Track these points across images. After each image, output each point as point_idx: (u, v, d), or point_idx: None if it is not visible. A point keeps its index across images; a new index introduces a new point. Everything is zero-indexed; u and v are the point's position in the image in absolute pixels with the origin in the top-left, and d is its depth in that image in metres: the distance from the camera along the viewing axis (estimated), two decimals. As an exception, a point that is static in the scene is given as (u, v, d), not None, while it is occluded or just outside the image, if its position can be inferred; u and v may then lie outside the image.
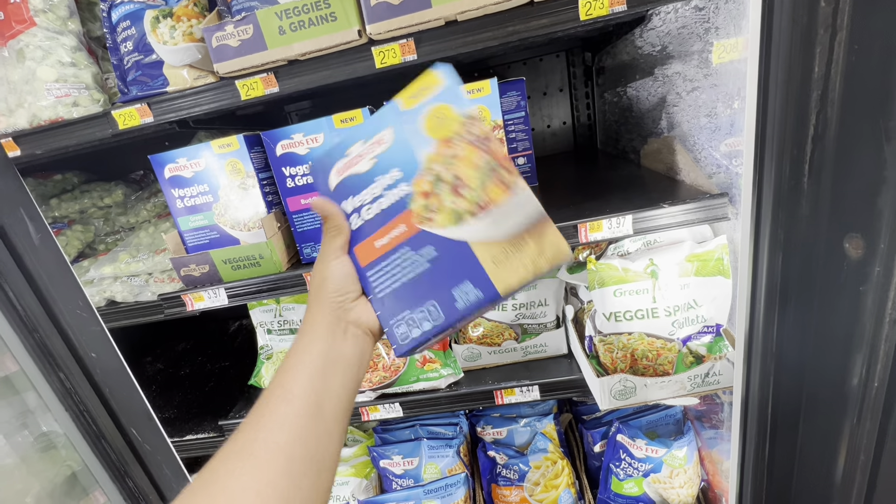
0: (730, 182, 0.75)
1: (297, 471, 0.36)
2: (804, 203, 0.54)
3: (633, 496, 1.05)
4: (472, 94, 0.80)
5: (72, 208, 1.33)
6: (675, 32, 0.85)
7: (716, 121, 0.76)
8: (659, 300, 0.78)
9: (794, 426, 0.68)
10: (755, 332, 0.63)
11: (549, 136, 1.51)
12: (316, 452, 0.38)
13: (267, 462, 0.35)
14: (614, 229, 0.77)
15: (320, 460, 0.38)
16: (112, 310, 1.01)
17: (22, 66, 0.83)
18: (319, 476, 0.38)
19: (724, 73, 0.71)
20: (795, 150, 0.51)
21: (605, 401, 0.77)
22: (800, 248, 0.55)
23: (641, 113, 1.10)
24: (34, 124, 0.85)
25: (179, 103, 0.82)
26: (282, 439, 0.36)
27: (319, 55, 0.76)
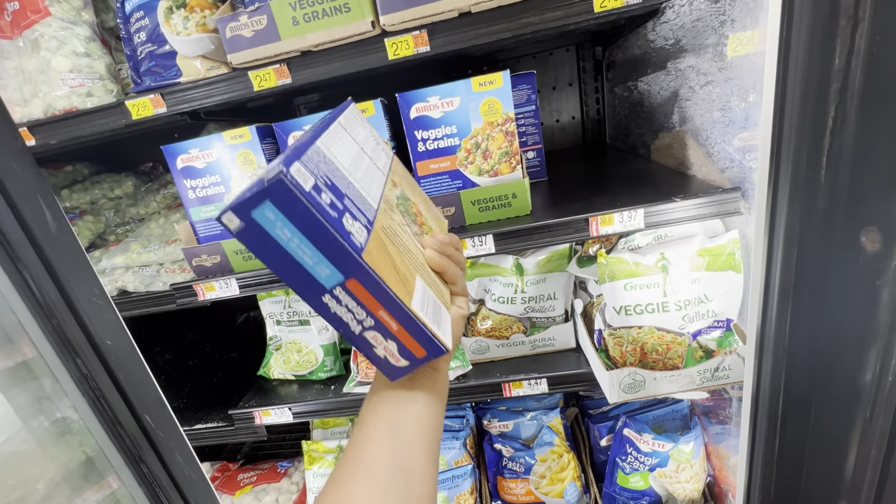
0: (743, 177, 0.75)
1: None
2: (820, 196, 0.53)
3: (639, 490, 1.06)
4: (484, 87, 0.80)
5: (82, 199, 1.34)
6: (690, 25, 0.84)
7: (730, 115, 0.76)
8: (669, 294, 0.78)
9: (804, 421, 0.68)
10: (767, 327, 0.63)
11: (558, 130, 1.51)
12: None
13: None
14: (626, 223, 0.77)
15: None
16: (124, 299, 1.02)
17: (37, 56, 0.83)
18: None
19: (739, 66, 0.70)
20: (813, 143, 0.51)
21: (614, 394, 0.78)
22: (815, 242, 0.55)
23: (653, 107, 1.09)
24: (49, 114, 0.85)
25: (192, 94, 0.83)
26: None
27: (332, 46, 0.77)
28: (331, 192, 0.33)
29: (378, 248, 0.35)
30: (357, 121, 0.52)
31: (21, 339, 0.60)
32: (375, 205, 0.40)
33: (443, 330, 0.38)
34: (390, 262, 0.36)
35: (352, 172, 0.41)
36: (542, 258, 0.94)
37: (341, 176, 0.38)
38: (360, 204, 0.37)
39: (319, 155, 0.36)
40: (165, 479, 0.74)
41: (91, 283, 0.66)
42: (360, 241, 0.33)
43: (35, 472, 0.70)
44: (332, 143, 0.41)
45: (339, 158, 0.40)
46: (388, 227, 0.40)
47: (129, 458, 0.69)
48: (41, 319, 0.59)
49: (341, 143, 0.43)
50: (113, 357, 0.68)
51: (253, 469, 1.38)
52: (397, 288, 0.34)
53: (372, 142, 0.53)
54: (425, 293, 0.39)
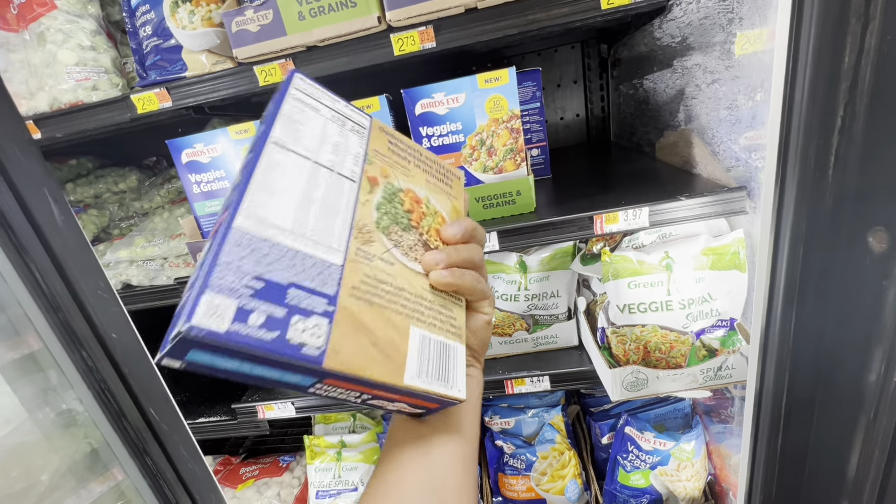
0: (748, 176, 0.74)
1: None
2: (828, 196, 0.53)
3: (640, 488, 1.06)
4: (489, 83, 0.80)
5: (87, 193, 1.34)
6: (697, 23, 0.83)
7: (736, 113, 0.75)
8: (673, 293, 0.78)
9: (807, 421, 0.68)
10: (772, 326, 0.63)
11: (563, 128, 1.50)
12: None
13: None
14: (630, 221, 0.76)
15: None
16: (128, 293, 1.02)
17: (43, 49, 0.84)
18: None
19: (746, 64, 0.70)
20: (821, 141, 0.51)
21: (616, 392, 0.78)
22: (821, 242, 0.55)
23: (658, 105, 1.09)
24: (54, 107, 0.86)
25: (197, 88, 0.83)
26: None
27: (338, 42, 0.76)
28: (266, 301, 0.27)
29: (350, 330, 0.30)
30: (307, 109, 0.37)
31: (27, 331, 0.61)
32: (341, 257, 0.33)
33: (451, 381, 0.34)
34: (368, 339, 0.31)
35: (301, 226, 0.32)
36: (545, 256, 0.94)
37: (282, 251, 0.30)
38: (316, 278, 0.30)
39: (244, 243, 0.28)
40: (170, 471, 0.75)
41: (97, 276, 0.66)
42: (317, 346, 0.28)
43: (40, 464, 0.70)
44: (262, 200, 0.31)
45: (278, 217, 0.31)
46: (364, 279, 0.33)
47: (133, 450, 0.69)
48: (47, 312, 0.59)
49: (280, 179, 0.32)
50: (118, 350, 0.68)
51: (255, 463, 1.39)
52: (381, 370, 0.30)
53: (334, 132, 0.38)
54: (425, 344, 0.34)
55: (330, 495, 1.20)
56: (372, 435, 1.25)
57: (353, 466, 1.20)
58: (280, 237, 0.30)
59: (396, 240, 0.37)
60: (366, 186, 0.38)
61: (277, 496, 1.27)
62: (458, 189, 0.46)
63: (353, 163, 0.38)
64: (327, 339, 0.29)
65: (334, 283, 0.31)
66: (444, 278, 0.36)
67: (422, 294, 0.36)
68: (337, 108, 0.40)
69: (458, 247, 0.39)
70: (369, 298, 0.32)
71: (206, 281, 0.26)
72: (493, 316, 0.42)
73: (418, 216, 0.40)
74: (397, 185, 0.40)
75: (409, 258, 0.37)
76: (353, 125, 0.40)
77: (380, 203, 0.38)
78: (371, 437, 1.25)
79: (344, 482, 1.20)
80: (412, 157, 0.44)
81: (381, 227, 0.37)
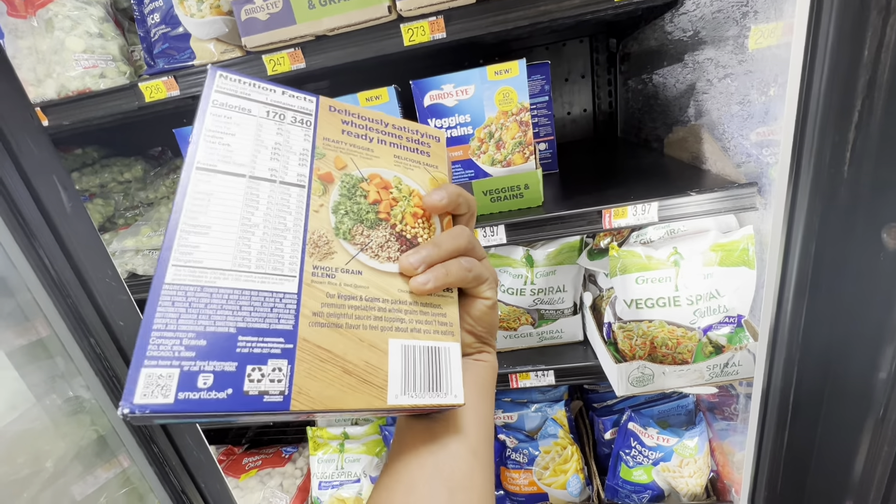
0: (759, 172, 0.74)
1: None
2: (842, 192, 0.53)
3: (642, 483, 1.06)
4: (499, 75, 0.79)
5: (92, 182, 1.34)
6: (710, 17, 0.82)
7: (748, 108, 0.75)
8: (681, 289, 0.78)
9: (814, 419, 0.68)
10: (781, 323, 0.63)
11: (569, 122, 1.49)
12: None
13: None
14: (639, 216, 0.76)
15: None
16: (134, 282, 1.03)
17: (51, 35, 0.83)
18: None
19: (760, 58, 0.69)
20: (837, 136, 0.50)
21: (622, 387, 0.78)
22: (835, 238, 0.54)
23: (668, 100, 1.08)
24: (62, 95, 0.85)
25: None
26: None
27: (348, 31, 0.76)
28: (211, 359, 0.26)
29: (315, 364, 0.28)
30: (234, 114, 0.32)
31: (36, 317, 0.61)
32: (295, 284, 0.30)
33: (444, 388, 0.32)
34: (339, 368, 0.29)
35: (243, 261, 0.29)
36: (552, 250, 0.94)
37: (225, 295, 0.27)
38: (268, 316, 0.28)
39: (178, 300, 0.26)
40: (175, 459, 0.75)
41: (105, 264, 0.66)
42: (279, 391, 0.27)
43: (47, 449, 0.71)
44: (194, 243, 0.28)
45: (215, 257, 0.28)
46: (326, 301, 0.30)
47: (140, 438, 0.70)
48: (56, 298, 0.59)
49: (211, 212, 0.29)
50: (125, 338, 0.69)
51: (258, 453, 1.39)
52: (358, 398, 0.29)
53: (271, 132, 0.33)
54: (409, 355, 0.32)
55: (333, 486, 1.20)
56: (374, 427, 1.26)
57: (356, 458, 1.21)
58: (220, 280, 0.28)
59: (363, 242, 0.33)
60: (317, 189, 0.33)
61: (280, 486, 1.28)
62: (438, 154, 0.39)
63: (300, 163, 0.33)
64: (290, 381, 0.27)
65: (290, 316, 0.29)
66: (425, 286, 0.32)
67: (400, 298, 0.33)
68: (272, 99, 0.34)
69: (437, 238, 0.34)
70: (335, 321, 0.30)
71: (142, 353, 0.24)
72: (495, 299, 0.38)
73: (387, 205, 0.35)
74: (357, 174, 0.35)
75: (380, 260, 0.33)
76: (294, 115, 0.34)
77: (337, 204, 0.33)
78: (374, 430, 1.26)
79: (347, 473, 1.20)
80: (375, 133, 0.37)
81: (342, 233, 0.33)
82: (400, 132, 0.39)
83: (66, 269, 0.60)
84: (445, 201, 0.35)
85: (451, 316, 0.34)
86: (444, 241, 0.34)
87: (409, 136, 0.39)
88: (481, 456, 0.35)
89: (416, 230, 0.35)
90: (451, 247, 0.34)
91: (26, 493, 0.67)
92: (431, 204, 0.35)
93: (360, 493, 1.19)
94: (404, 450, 0.34)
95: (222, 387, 0.25)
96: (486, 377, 0.38)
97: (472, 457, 0.34)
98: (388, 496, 0.32)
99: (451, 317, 0.34)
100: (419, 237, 0.35)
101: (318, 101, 0.36)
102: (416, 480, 0.32)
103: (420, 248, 0.34)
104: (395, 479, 0.33)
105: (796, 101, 0.53)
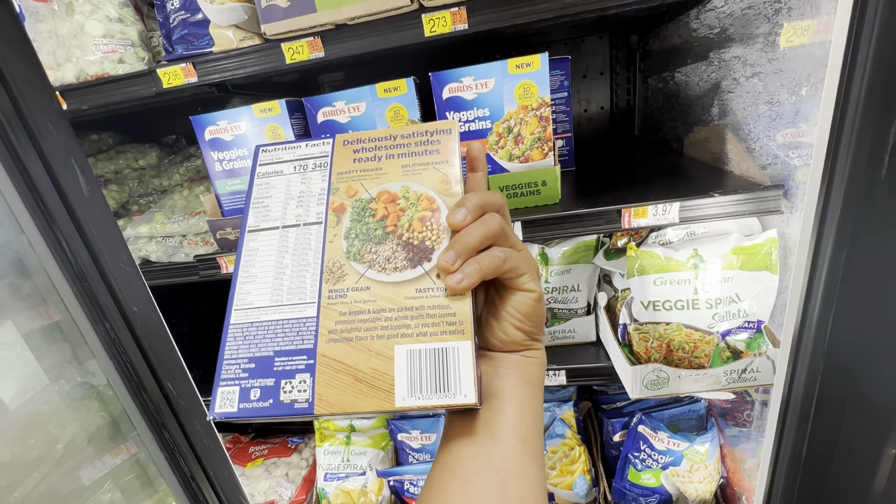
0: (786, 174, 0.72)
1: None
2: (878, 198, 0.51)
3: (650, 487, 1.05)
4: (521, 69, 0.78)
5: (107, 168, 1.35)
6: (739, 14, 0.80)
7: (777, 109, 0.73)
8: (700, 291, 0.76)
9: (835, 429, 0.66)
10: (806, 331, 0.61)
11: (586, 120, 1.47)
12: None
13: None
14: (660, 216, 0.74)
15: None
16: (148, 269, 1.03)
17: (71, 19, 0.83)
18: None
19: (792, 57, 0.67)
20: (876, 138, 0.48)
21: (636, 390, 0.76)
22: (867, 244, 0.53)
23: (690, 99, 1.05)
24: (81, 79, 0.85)
25: (224, 64, 0.82)
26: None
27: (368, 20, 0.75)
28: (258, 377, 0.34)
29: (332, 375, 0.33)
30: (271, 179, 0.41)
31: (53, 300, 0.61)
32: (314, 308, 0.36)
33: (453, 389, 0.32)
34: (352, 376, 0.33)
35: (277, 296, 0.37)
36: (567, 249, 0.93)
37: (266, 327, 0.35)
38: (295, 338, 0.35)
39: (238, 336, 0.35)
40: (185, 445, 0.75)
41: (120, 249, 0.66)
42: (305, 399, 0.33)
43: (57, 432, 0.71)
44: (246, 290, 0.37)
45: (259, 298, 0.37)
46: (339, 319, 0.35)
47: (152, 423, 0.70)
48: (73, 282, 0.59)
49: (257, 263, 0.38)
50: (139, 323, 0.69)
51: (264, 443, 1.40)
52: (369, 402, 0.32)
53: (297, 184, 0.41)
54: (414, 359, 0.33)
55: (338, 478, 1.21)
56: (381, 421, 1.26)
57: (362, 451, 1.21)
58: (263, 315, 0.36)
59: (371, 259, 0.37)
60: (332, 221, 0.39)
61: (286, 476, 1.28)
62: (449, 148, 0.40)
63: (318, 202, 0.40)
64: (312, 390, 0.33)
65: (311, 336, 0.35)
66: (460, 284, 0.32)
67: (406, 304, 0.35)
68: (297, 154, 0.42)
69: (469, 228, 0.34)
70: (347, 335, 0.34)
71: (219, 376, 0.34)
72: (540, 291, 0.37)
73: (394, 217, 0.38)
74: (366, 196, 0.39)
75: (387, 272, 0.36)
76: (314, 162, 0.41)
77: (348, 230, 0.38)
78: (380, 423, 1.26)
79: (352, 466, 1.20)
80: (384, 150, 0.41)
81: (352, 255, 0.37)
82: (408, 139, 0.41)
83: (83, 253, 0.60)
84: (469, 218, 0.34)
85: (460, 314, 0.34)
86: (474, 229, 0.33)
87: (418, 139, 0.41)
88: (532, 447, 0.35)
89: (423, 234, 0.37)
90: (481, 233, 0.33)
91: (36, 474, 0.68)
92: (455, 224, 0.34)
93: (366, 485, 1.19)
94: (453, 438, 0.35)
95: (266, 398, 0.33)
96: (535, 374, 0.38)
97: (522, 447, 0.34)
98: (442, 485, 0.33)
99: (462, 315, 0.34)
100: (426, 240, 0.37)
101: (333, 142, 0.42)
102: (467, 470, 0.33)
103: (453, 242, 0.34)
104: (447, 469, 0.34)
105: (833, 102, 0.51)
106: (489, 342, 0.38)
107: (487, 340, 0.38)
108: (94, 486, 0.74)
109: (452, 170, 0.39)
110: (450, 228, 0.36)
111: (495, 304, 0.38)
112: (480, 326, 0.39)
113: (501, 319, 0.37)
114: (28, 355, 0.64)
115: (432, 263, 0.35)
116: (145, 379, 0.68)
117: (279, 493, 1.23)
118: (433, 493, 0.33)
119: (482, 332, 0.39)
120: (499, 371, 0.37)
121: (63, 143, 0.59)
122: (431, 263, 0.35)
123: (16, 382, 0.67)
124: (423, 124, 0.41)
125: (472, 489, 0.32)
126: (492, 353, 0.38)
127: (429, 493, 0.34)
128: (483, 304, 0.39)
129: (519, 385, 0.36)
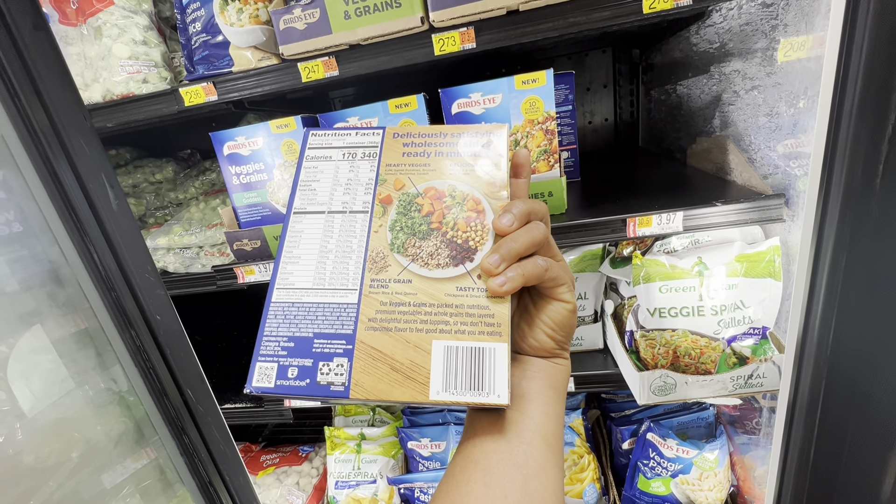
0: (787, 183, 0.74)
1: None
2: (874, 205, 0.53)
3: (660, 495, 1.05)
4: (526, 85, 0.81)
5: (125, 182, 1.40)
6: (738, 29, 0.83)
7: (776, 120, 0.75)
8: (706, 298, 0.78)
9: (841, 436, 0.67)
10: (809, 336, 0.62)
11: (590, 132, 1.50)
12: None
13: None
14: (664, 225, 0.76)
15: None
16: (166, 279, 1.06)
17: (99, 42, 0.88)
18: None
19: (789, 71, 0.70)
20: (870, 149, 0.50)
21: (643, 396, 0.78)
22: (866, 251, 0.54)
23: (692, 111, 1.08)
24: (107, 98, 0.90)
25: (243, 83, 0.86)
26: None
27: (380, 41, 0.78)
28: (297, 357, 0.35)
29: (369, 362, 0.34)
30: (320, 164, 0.42)
31: (83, 308, 0.64)
32: (356, 295, 0.36)
33: (487, 388, 0.33)
34: (388, 365, 0.34)
35: (319, 280, 0.37)
36: (574, 258, 0.95)
37: (307, 308, 0.36)
38: (335, 323, 0.36)
39: (279, 314, 0.36)
40: (203, 451, 0.77)
41: (145, 259, 0.69)
42: (342, 383, 0.34)
43: (80, 437, 0.73)
44: (289, 270, 0.38)
45: (302, 279, 0.37)
46: (380, 308, 0.36)
47: (173, 429, 0.72)
48: (102, 291, 0.62)
49: (302, 245, 0.38)
50: (161, 332, 0.71)
51: (275, 451, 1.41)
52: (404, 392, 0.33)
53: (345, 171, 0.41)
54: (451, 355, 0.34)
55: (349, 486, 1.22)
56: (392, 429, 1.27)
57: (373, 459, 1.22)
58: (304, 297, 0.37)
59: (414, 253, 0.37)
60: (378, 211, 0.39)
61: (296, 484, 1.29)
62: (497, 151, 0.40)
63: (365, 192, 0.40)
64: (349, 375, 0.34)
65: (351, 322, 0.35)
66: (502, 287, 0.33)
67: (446, 301, 0.35)
68: (347, 142, 0.42)
69: (514, 234, 0.34)
70: (386, 325, 0.35)
71: (258, 351, 0.35)
72: (574, 303, 0.38)
73: (440, 214, 0.38)
74: (414, 191, 0.39)
75: (429, 267, 0.36)
76: (363, 151, 0.42)
77: (394, 222, 0.38)
78: (391, 431, 1.27)
79: (363, 474, 1.21)
80: (433, 147, 0.41)
81: (397, 247, 0.37)
82: (457, 139, 0.41)
83: (111, 263, 0.63)
84: (516, 225, 0.35)
85: (499, 317, 0.35)
86: (520, 235, 0.34)
87: (467, 140, 0.41)
88: (555, 449, 0.35)
89: (467, 234, 0.37)
90: (527, 240, 0.34)
91: (59, 477, 0.70)
92: (501, 229, 0.35)
93: (377, 493, 1.19)
94: (478, 433, 0.35)
95: (303, 377, 0.34)
96: (561, 379, 0.39)
97: (545, 447, 0.35)
98: (465, 475, 0.34)
99: (500, 317, 0.34)
100: (470, 240, 0.37)
101: (384, 133, 0.42)
102: (491, 464, 0.33)
103: (498, 245, 0.35)
104: (471, 461, 0.34)
105: (828, 114, 0.53)
106: (519, 346, 0.40)
107: (517, 344, 0.40)
108: (114, 489, 0.76)
109: (500, 174, 0.39)
110: (494, 232, 0.36)
111: (530, 310, 0.39)
112: (512, 330, 0.39)
113: (534, 326, 0.38)
114: (56, 360, 0.67)
115: (474, 264, 0.36)
116: (167, 385, 0.71)
117: (290, 502, 1.24)
118: (454, 483, 0.34)
119: (513, 335, 0.39)
120: (526, 374, 0.38)
121: (94, 159, 0.62)
122: (473, 264, 0.36)
123: (43, 386, 0.69)
124: (474, 125, 0.41)
125: (495, 482, 0.32)
126: (520, 355, 0.40)
127: (450, 482, 0.34)
128: (517, 309, 0.40)
129: (545, 389, 0.37)
